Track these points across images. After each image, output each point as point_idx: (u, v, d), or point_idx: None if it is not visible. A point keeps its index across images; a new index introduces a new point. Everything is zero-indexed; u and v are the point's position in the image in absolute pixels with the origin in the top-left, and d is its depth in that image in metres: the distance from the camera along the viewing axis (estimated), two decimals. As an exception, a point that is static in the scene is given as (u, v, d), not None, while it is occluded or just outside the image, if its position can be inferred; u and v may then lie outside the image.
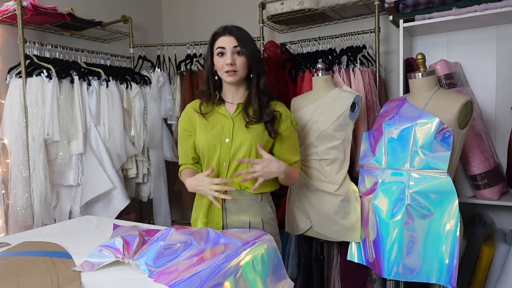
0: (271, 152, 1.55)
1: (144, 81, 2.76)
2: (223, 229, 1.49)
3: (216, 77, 1.52)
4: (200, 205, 1.56)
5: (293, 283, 1.26)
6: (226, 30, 1.46)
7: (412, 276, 1.61)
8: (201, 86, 1.58)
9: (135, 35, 2.93)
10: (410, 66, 2.11)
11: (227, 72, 1.44)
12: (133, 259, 1.11)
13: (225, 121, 1.50)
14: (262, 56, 1.53)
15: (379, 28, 2.26)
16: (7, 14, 2.11)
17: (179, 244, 1.18)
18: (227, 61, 1.42)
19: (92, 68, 2.42)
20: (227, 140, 1.47)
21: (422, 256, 1.59)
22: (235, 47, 1.43)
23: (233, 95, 1.54)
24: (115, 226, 1.52)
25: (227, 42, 1.44)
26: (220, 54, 1.45)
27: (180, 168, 1.62)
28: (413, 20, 2.03)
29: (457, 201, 1.54)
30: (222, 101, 1.54)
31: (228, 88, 1.53)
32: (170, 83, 2.83)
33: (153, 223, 2.78)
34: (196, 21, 3.31)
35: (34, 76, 2.12)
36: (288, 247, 2.26)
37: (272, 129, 1.49)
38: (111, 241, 1.18)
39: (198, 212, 1.56)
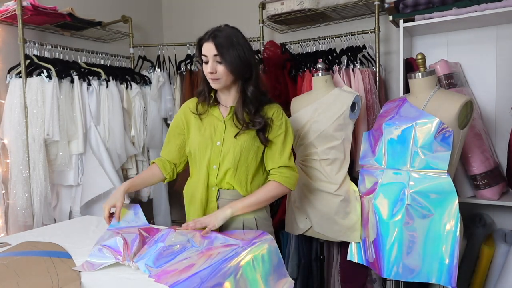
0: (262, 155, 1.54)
1: (144, 81, 2.76)
2: (220, 230, 1.49)
3: None
4: (194, 210, 1.54)
5: (294, 282, 1.26)
6: (209, 36, 1.42)
7: (412, 276, 1.61)
8: (199, 86, 1.57)
9: (135, 35, 2.93)
10: (410, 66, 2.11)
11: (211, 79, 1.44)
12: (133, 261, 1.11)
13: (217, 123, 1.50)
14: (250, 60, 1.46)
15: (379, 28, 2.26)
16: (7, 14, 2.10)
17: (178, 246, 1.18)
18: (207, 70, 1.42)
19: (92, 68, 2.42)
20: (218, 143, 1.47)
21: (422, 256, 1.59)
22: (215, 55, 1.40)
23: (226, 98, 1.53)
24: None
25: (208, 50, 1.41)
26: (205, 62, 1.44)
27: (156, 159, 1.62)
28: (413, 20, 2.03)
29: (457, 201, 1.54)
30: (217, 102, 1.54)
31: (220, 91, 1.53)
32: (170, 83, 2.82)
33: (153, 223, 2.77)
34: (196, 21, 3.31)
35: (34, 76, 2.11)
36: (288, 247, 2.26)
37: (264, 137, 1.46)
38: (112, 240, 1.18)
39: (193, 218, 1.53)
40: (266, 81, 2.38)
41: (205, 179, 1.49)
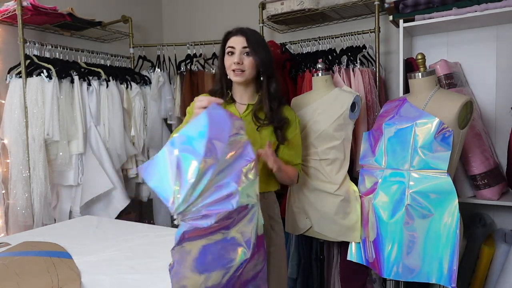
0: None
1: (144, 81, 2.76)
2: None
3: (227, 77, 1.54)
4: None
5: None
6: (239, 31, 1.49)
7: (412, 276, 1.61)
8: (214, 85, 1.60)
9: (135, 35, 2.93)
10: (410, 66, 2.11)
11: (234, 71, 1.46)
12: (183, 215, 1.06)
13: None
14: (272, 60, 1.55)
15: (379, 28, 2.26)
16: (7, 14, 2.10)
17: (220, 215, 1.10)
18: (235, 60, 1.45)
19: (92, 68, 2.42)
20: None
21: (422, 256, 1.59)
22: (244, 47, 1.46)
23: (242, 95, 1.56)
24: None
25: (237, 42, 1.47)
26: (230, 53, 1.48)
27: None
28: (413, 20, 2.03)
29: (457, 201, 1.53)
30: (232, 100, 1.57)
31: (236, 88, 1.56)
32: (170, 83, 2.82)
33: (153, 223, 2.78)
34: (196, 21, 3.31)
35: (34, 76, 2.11)
36: (288, 247, 2.26)
37: (282, 135, 1.52)
38: (200, 142, 1.07)
39: None
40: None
41: None
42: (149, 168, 1.08)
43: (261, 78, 1.51)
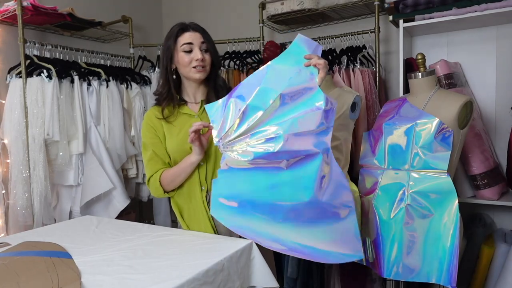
0: None
1: (144, 81, 2.76)
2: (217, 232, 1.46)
3: (174, 76, 1.47)
4: (195, 215, 1.47)
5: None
6: (190, 27, 1.44)
7: (412, 276, 1.61)
8: (158, 87, 1.51)
9: (135, 35, 2.93)
10: (410, 66, 2.11)
11: (195, 67, 1.40)
12: (224, 147, 1.28)
13: (192, 121, 1.43)
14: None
15: (379, 28, 2.26)
16: (7, 14, 2.11)
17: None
18: (198, 57, 1.39)
19: (92, 68, 2.42)
20: None
21: (422, 256, 1.59)
22: (202, 43, 1.41)
23: (195, 93, 1.49)
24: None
25: (194, 37, 1.41)
26: (187, 51, 1.41)
27: (155, 175, 1.44)
28: (413, 20, 2.03)
29: (457, 201, 1.53)
30: (182, 101, 1.49)
31: (189, 86, 1.49)
32: (170, 83, 2.82)
33: (153, 223, 2.78)
34: (196, 21, 3.30)
35: (34, 76, 2.11)
36: (288, 247, 2.26)
37: None
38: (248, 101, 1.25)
39: (199, 222, 1.46)
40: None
41: (197, 179, 1.44)
42: (212, 105, 1.35)
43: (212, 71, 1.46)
